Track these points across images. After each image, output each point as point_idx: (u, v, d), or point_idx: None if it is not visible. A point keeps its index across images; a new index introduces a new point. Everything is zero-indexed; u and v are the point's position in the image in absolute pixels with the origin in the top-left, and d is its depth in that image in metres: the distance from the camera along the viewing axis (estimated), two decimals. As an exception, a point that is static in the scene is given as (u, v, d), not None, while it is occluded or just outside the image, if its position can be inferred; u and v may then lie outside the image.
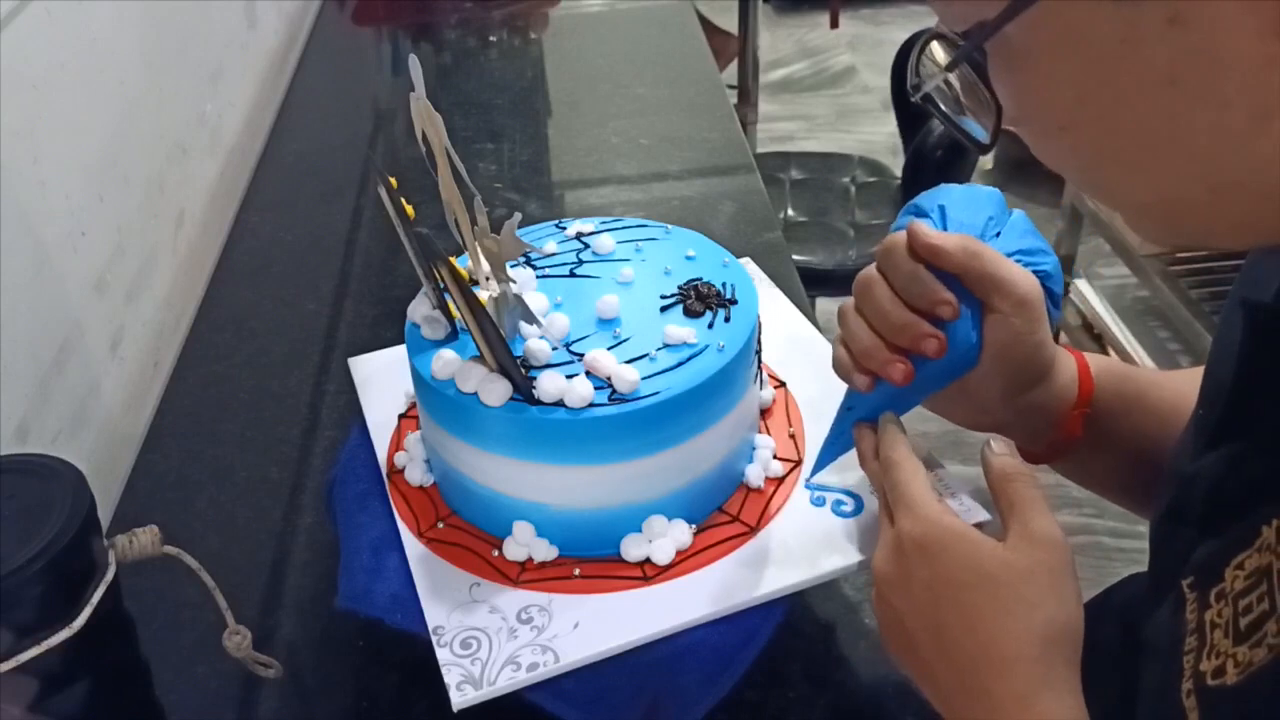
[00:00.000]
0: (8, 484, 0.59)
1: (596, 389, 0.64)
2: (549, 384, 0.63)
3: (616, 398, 0.64)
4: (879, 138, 3.01)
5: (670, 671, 0.63)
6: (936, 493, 0.54)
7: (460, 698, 0.60)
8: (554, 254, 0.78)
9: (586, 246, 0.78)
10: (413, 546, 0.70)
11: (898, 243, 0.58)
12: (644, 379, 0.65)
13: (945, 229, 0.60)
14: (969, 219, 0.60)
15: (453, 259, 0.63)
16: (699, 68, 1.56)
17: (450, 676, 0.61)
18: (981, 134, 0.46)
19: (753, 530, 0.69)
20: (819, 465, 0.68)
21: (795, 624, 0.68)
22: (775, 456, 0.74)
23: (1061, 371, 0.63)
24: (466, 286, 0.62)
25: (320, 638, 0.72)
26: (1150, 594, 0.52)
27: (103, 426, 0.93)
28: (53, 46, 0.91)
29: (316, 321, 1.04)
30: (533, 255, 0.77)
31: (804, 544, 0.68)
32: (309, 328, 1.04)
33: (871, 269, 0.60)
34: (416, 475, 0.75)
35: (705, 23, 1.86)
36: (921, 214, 0.61)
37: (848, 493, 0.70)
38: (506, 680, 0.61)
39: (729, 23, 2.54)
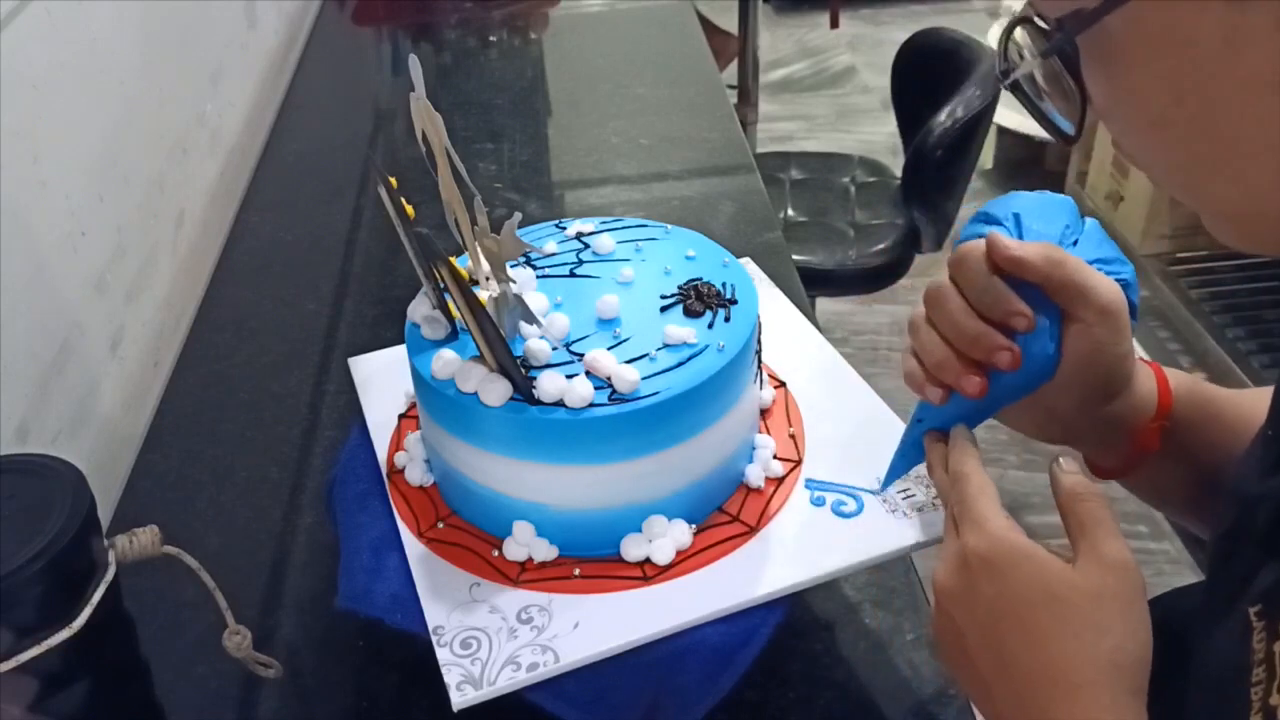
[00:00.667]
0: (8, 484, 0.59)
1: (596, 389, 0.64)
2: (549, 384, 0.63)
3: (616, 398, 0.64)
4: (879, 138, 3.01)
5: (670, 671, 0.63)
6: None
7: (460, 698, 0.60)
8: (554, 254, 0.78)
9: (586, 246, 0.78)
10: (413, 546, 0.70)
11: (972, 252, 0.56)
12: (644, 379, 0.64)
13: (1021, 238, 0.58)
14: (1045, 228, 0.59)
15: (453, 259, 0.63)
16: (699, 68, 1.56)
17: (450, 676, 0.61)
18: (1066, 126, 0.45)
19: (753, 530, 0.69)
20: (889, 478, 0.67)
21: (795, 624, 0.68)
22: (775, 456, 0.73)
23: (1141, 383, 0.61)
24: (466, 286, 0.62)
25: (320, 638, 0.72)
26: (1205, 613, 0.50)
27: (103, 426, 0.93)
28: (53, 46, 0.91)
29: (316, 321, 1.04)
30: (533, 255, 0.77)
31: (804, 544, 0.68)
32: (309, 328, 1.04)
33: (943, 279, 0.58)
34: (416, 475, 0.75)
35: (705, 23, 1.86)
36: (993, 222, 0.60)
37: (848, 493, 0.70)
38: (506, 680, 0.61)
39: (729, 23, 2.54)
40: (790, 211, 1.95)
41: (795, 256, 1.52)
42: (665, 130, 1.37)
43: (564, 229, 0.80)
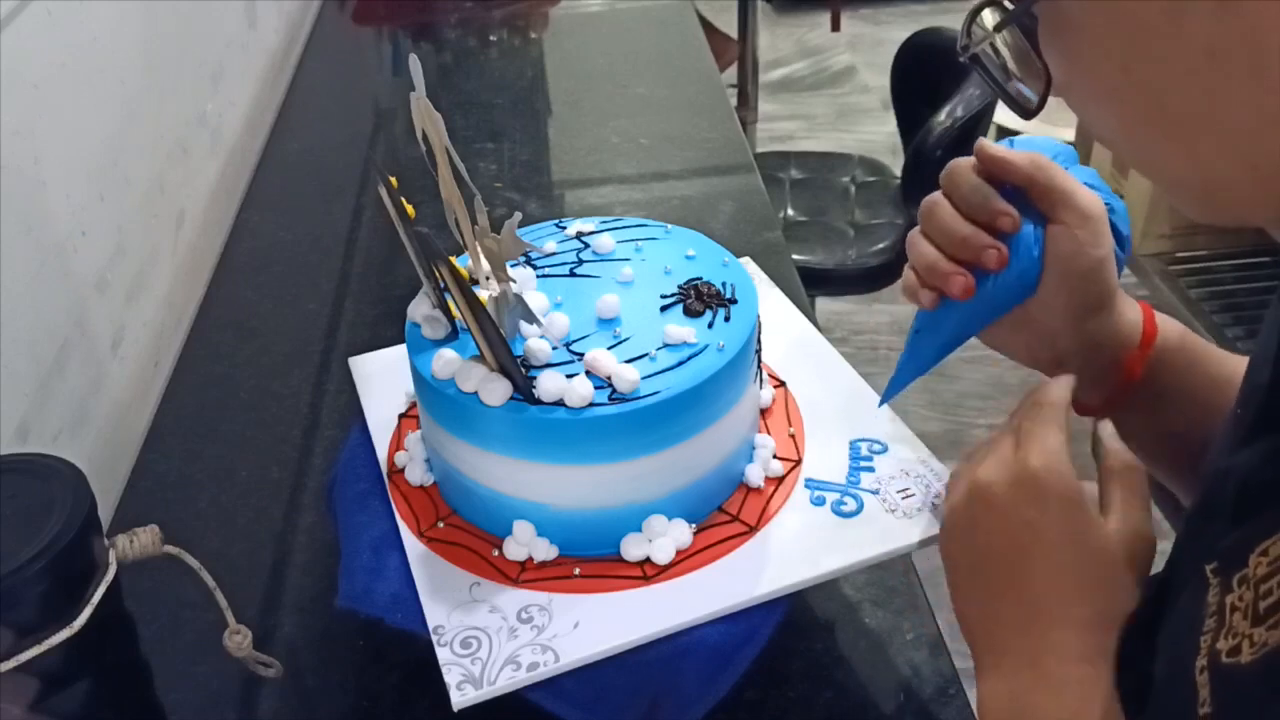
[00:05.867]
0: (8, 484, 0.59)
1: (597, 388, 0.64)
2: (549, 383, 0.63)
3: (616, 397, 0.64)
4: (879, 137, 3.01)
5: (670, 671, 0.63)
6: None
7: (460, 697, 0.60)
8: (554, 253, 0.77)
9: (586, 246, 0.78)
10: (413, 546, 0.70)
11: (962, 162, 0.59)
12: (644, 378, 0.64)
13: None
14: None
15: (452, 259, 0.63)
16: (699, 68, 1.56)
17: (450, 676, 0.61)
18: (1031, 97, 0.47)
19: (752, 530, 0.69)
20: (893, 388, 0.68)
21: (795, 624, 0.68)
22: (775, 456, 0.73)
23: (1126, 310, 0.64)
24: (466, 286, 0.62)
25: (320, 638, 0.72)
26: (1173, 585, 0.52)
27: (103, 426, 0.93)
28: (53, 46, 0.91)
29: (316, 321, 1.04)
30: (533, 255, 0.77)
31: (804, 544, 0.67)
32: (309, 328, 1.04)
33: (936, 193, 0.61)
34: (417, 475, 0.75)
35: (704, 24, 1.86)
36: None
37: (848, 493, 0.70)
38: (506, 680, 0.61)
39: (728, 23, 2.53)
40: (790, 211, 1.95)
41: (795, 256, 1.53)
42: (665, 130, 1.37)
43: (564, 228, 0.80)
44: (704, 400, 0.66)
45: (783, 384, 0.80)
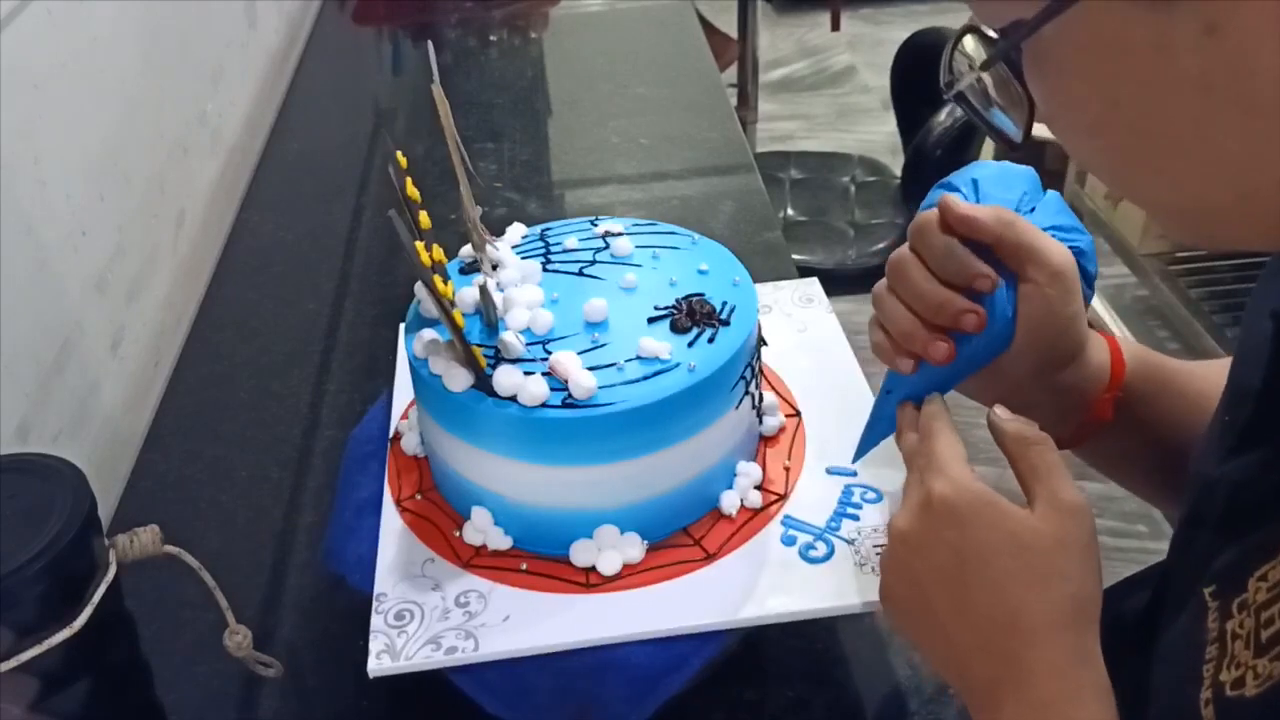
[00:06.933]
0: (8, 484, 0.59)
1: (554, 390, 0.63)
2: (504, 378, 0.63)
3: (570, 402, 0.62)
4: (879, 137, 3.01)
5: (595, 683, 0.61)
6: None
7: (377, 665, 0.60)
8: (573, 250, 0.76)
9: (607, 246, 0.76)
10: (389, 513, 0.70)
11: (930, 220, 0.57)
12: (605, 388, 0.63)
13: (978, 204, 0.59)
14: (1002, 194, 0.59)
15: (421, 245, 0.63)
16: (699, 68, 1.56)
17: (375, 644, 0.61)
18: (1013, 130, 0.46)
19: (709, 558, 0.66)
20: (861, 450, 0.66)
21: (795, 624, 0.68)
22: (758, 487, 0.70)
23: (1094, 352, 0.62)
24: (427, 274, 0.62)
25: (320, 638, 0.72)
26: (1167, 598, 0.51)
27: (103, 426, 0.93)
28: (53, 46, 0.91)
29: (316, 321, 1.05)
30: (552, 248, 0.76)
31: (757, 582, 0.64)
32: (309, 328, 1.04)
33: (904, 249, 0.59)
34: (412, 445, 0.74)
35: (704, 24, 1.86)
36: (953, 190, 0.60)
37: (823, 537, 0.66)
38: (423, 659, 0.60)
39: (728, 23, 2.53)
40: (790, 211, 1.95)
41: (795, 256, 1.53)
42: (665, 130, 1.37)
43: (595, 225, 0.79)
44: (662, 418, 0.63)
45: (797, 414, 0.76)
